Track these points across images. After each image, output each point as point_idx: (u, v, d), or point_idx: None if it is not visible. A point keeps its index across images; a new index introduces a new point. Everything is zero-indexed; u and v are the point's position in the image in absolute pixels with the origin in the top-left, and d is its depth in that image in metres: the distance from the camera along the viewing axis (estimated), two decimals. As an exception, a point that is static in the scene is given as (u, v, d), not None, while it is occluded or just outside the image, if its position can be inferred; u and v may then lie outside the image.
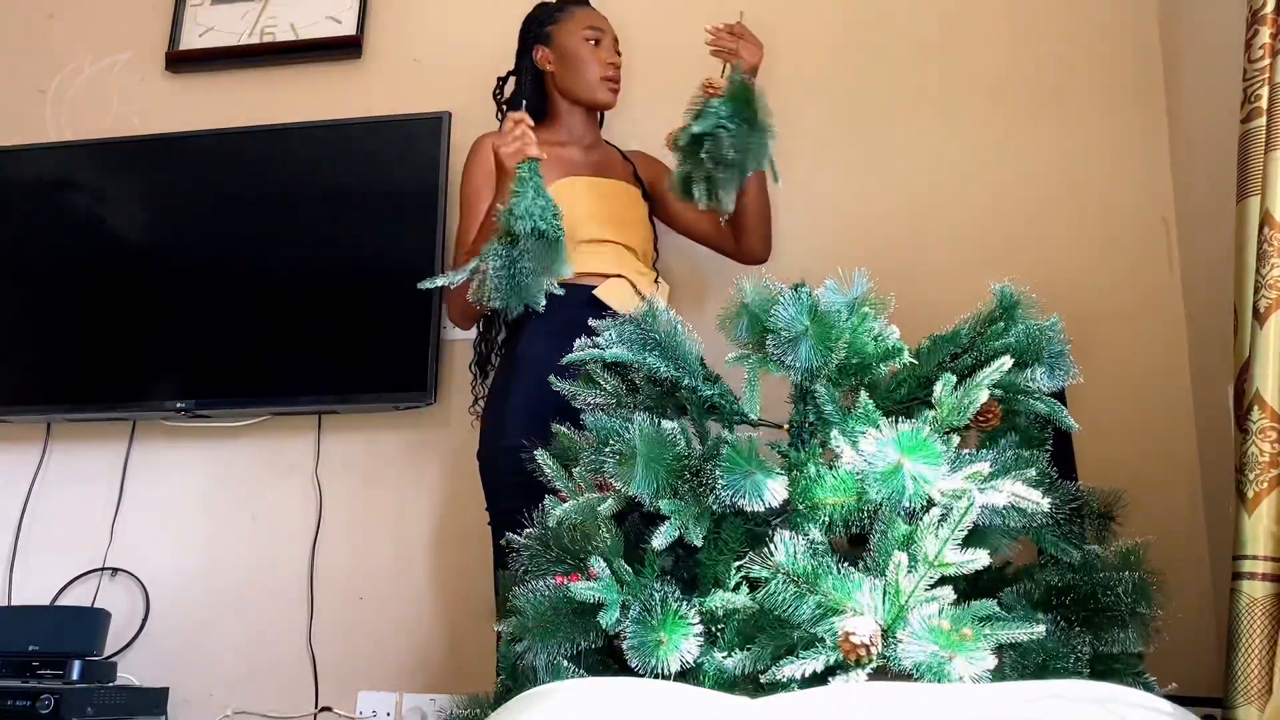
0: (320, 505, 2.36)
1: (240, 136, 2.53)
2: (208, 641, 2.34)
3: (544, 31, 2.05)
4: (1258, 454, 1.35)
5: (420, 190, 2.37)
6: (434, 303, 2.29)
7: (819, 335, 1.31)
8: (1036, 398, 1.42)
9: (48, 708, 1.96)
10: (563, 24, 2.03)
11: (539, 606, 1.27)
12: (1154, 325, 2.10)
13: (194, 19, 2.72)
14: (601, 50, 2.02)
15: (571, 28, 2.02)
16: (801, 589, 1.13)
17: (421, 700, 2.21)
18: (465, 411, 2.30)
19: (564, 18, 2.04)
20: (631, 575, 1.27)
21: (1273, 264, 1.37)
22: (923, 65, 2.33)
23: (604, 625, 1.22)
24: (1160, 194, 2.16)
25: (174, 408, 2.36)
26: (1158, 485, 1.97)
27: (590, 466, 1.37)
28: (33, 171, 2.61)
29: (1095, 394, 1.81)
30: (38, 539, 2.46)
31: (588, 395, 1.48)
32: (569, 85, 2.04)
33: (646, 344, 1.41)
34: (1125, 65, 2.23)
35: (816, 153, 2.31)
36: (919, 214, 2.25)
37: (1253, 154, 1.44)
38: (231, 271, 2.45)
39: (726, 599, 1.24)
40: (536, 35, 2.06)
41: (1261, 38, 1.46)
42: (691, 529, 1.25)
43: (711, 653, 1.21)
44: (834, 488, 1.24)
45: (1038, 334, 1.41)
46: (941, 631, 1.09)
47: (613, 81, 2.02)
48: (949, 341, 1.45)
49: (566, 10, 2.06)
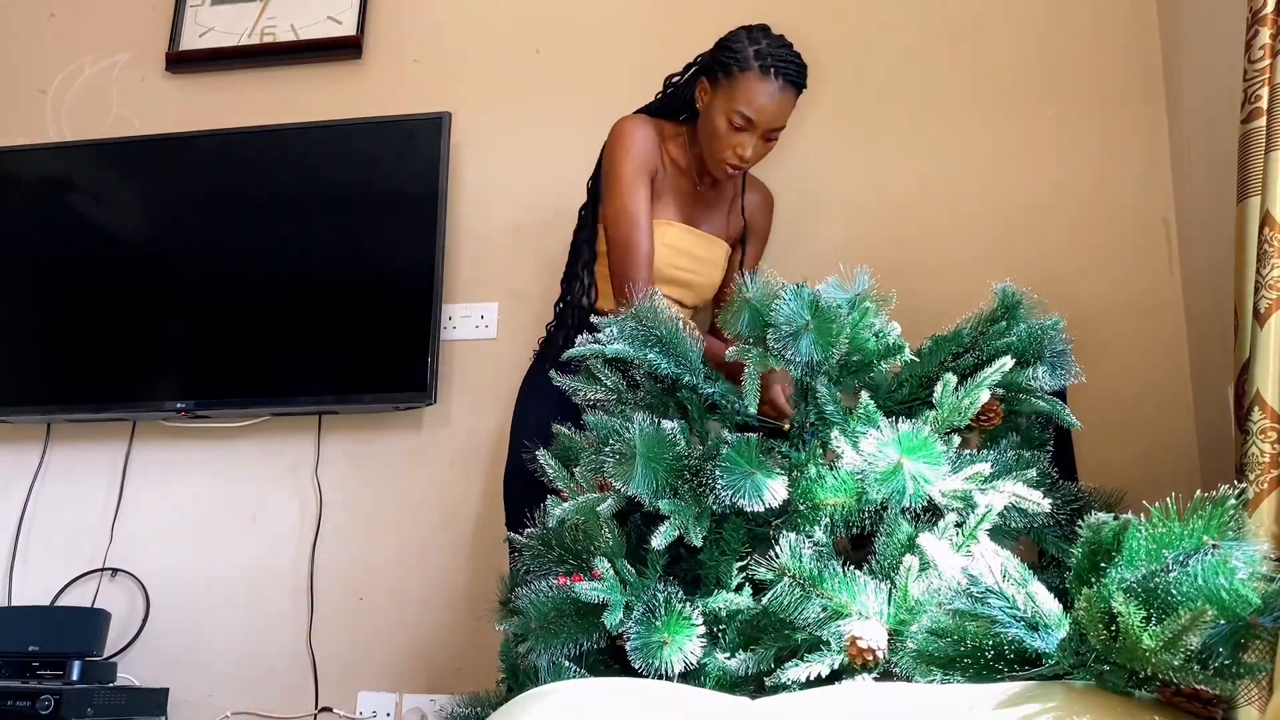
0: (320, 505, 2.36)
1: (240, 137, 2.53)
2: (208, 642, 2.34)
3: (716, 73, 1.86)
4: (1258, 454, 1.35)
5: (420, 190, 2.37)
6: (434, 303, 2.29)
7: (820, 330, 1.31)
8: (1038, 397, 1.42)
9: (48, 708, 1.96)
10: (733, 83, 1.83)
11: (542, 607, 1.27)
12: (1154, 325, 2.10)
13: (194, 19, 2.72)
14: (741, 136, 1.84)
15: (732, 96, 1.83)
16: (807, 591, 1.13)
17: (421, 700, 2.21)
18: (465, 411, 2.30)
19: (739, 79, 1.82)
20: (634, 576, 1.27)
21: (1273, 264, 1.37)
22: (923, 65, 2.33)
23: (608, 626, 1.22)
24: (1160, 194, 2.16)
25: (174, 408, 2.36)
26: (1158, 485, 1.96)
27: (590, 466, 1.37)
28: (33, 171, 2.61)
29: (1095, 394, 1.81)
30: (38, 539, 2.46)
31: (588, 391, 1.47)
32: (701, 137, 1.91)
33: (648, 341, 1.41)
34: (1125, 65, 2.23)
35: (818, 152, 2.31)
36: (919, 214, 2.25)
37: (1253, 154, 1.44)
38: (231, 272, 2.45)
39: (729, 600, 1.24)
40: (714, 66, 1.87)
41: (1262, 38, 1.46)
42: (691, 529, 1.25)
43: (714, 653, 1.21)
44: (834, 488, 1.24)
45: (1039, 333, 1.42)
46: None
47: (734, 169, 1.89)
48: (951, 341, 1.45)
49: (748, 73, 1.82)
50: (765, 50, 1.82)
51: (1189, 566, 0.91)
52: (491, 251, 2.43)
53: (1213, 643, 0.89)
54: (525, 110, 2.49)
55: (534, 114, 2.48)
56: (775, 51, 1.82)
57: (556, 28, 2.53)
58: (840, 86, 2.34)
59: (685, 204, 1.97)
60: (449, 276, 2.38)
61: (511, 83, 2.52)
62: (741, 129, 1.83)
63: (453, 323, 2.39)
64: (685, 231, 1.96)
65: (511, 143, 2.47)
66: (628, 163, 1.87)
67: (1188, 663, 0.89)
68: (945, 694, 1.00)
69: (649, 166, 1.89)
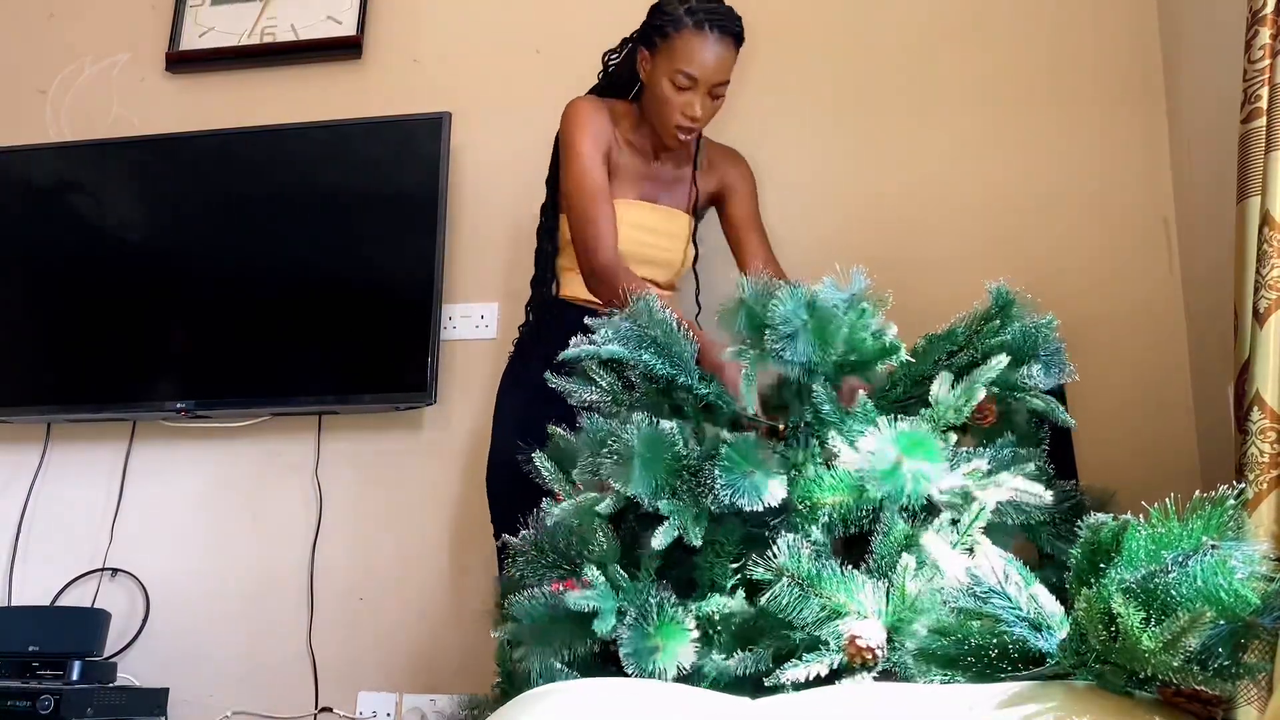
0: (320, 505, 2.36)
1: (240, 137, 2.53)
2: (208, 641, 2.33)
3: (652, 39, 1.86)
4: (1258, 454, 1.35)
5: (420, 190, 2.37)
6: (434, 303, 2.29)
7: (816, 329, 1.30)
8: (1033, 395, 1.42)
9: (48, 708, 1.96)
10: (670, 45, 1.83)
11: (535, 614, 1.27)
12: (1154, 325, 2.10)
13: (194, 19, 2.72)
14: (687, 95, 1.84)
15: (671, 58, 1.83)
16: (805, 591, 1.13)
17: (421, 700, 2.21)
18: (465, 411, 2.30)
19: (675, 39, 1.83)
20: (627, 581, 1.26)
21: (1273, 264, 1.37)
22: (923, 64, 2.33)
23: (598, 633, 1.21)
24: (1160, 194, 2.16)
25: (174, 408, 2.36)
26: (1158, 485, 1.95)
27: (588, 468, 1.37)
28: (33, 172, 2.61)
29: (1095, 395, 1.81)
30: (38, 539, 2.46)
31: (583, 393, 1.47)
32: (646, 105, 1.92)
33: (643, 341, 1.40)
34: (1125, 65, 2.23)
35: (818, 152, 2.31)
36: (919, 215, 2.25)
37: (1253, 154, 1.44)
38: (232, 272, 2.45)
39: (723, 604, 1.23)
40: (649, 33, 1.88)
41: (1261, 38, 1.46)
42: (690, 529, 1.25)
43: (711, 655, 1.21)
44: (833, 487, 1.23)
45: (1033, 332, 1.41)
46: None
47: (685, 132, 1.88)
48: (945, 340, 1.44)
49: (682, 32, 1.82)
50: (696, 6, 1.82)
51: (1188, 567, 0.91)
52: (491, 251, 2.43)
53: (1212, 643, 0.89)
54: (525, 110, 2.48)
55: (534, 114, 2.46)
56: (706, 5, 1.83)
57: (556, 28, 2.53)
58: (840, 86, 2.34)
59: (642, 181, 1.97)
60: (449, 276, 2.38)
61: (511, 83, 2.52)
62: (686, 89, 1.83)
63: (453, 323, 2.39)
64: (648, 209, 1.96)
65: (511, 143, 2.47)
66: (584, 140, 1.87)
67: (1187, 663, 0.89)
68: (946, 694, 1.00)
69: (603, 143, 1.90)
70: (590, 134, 1.88)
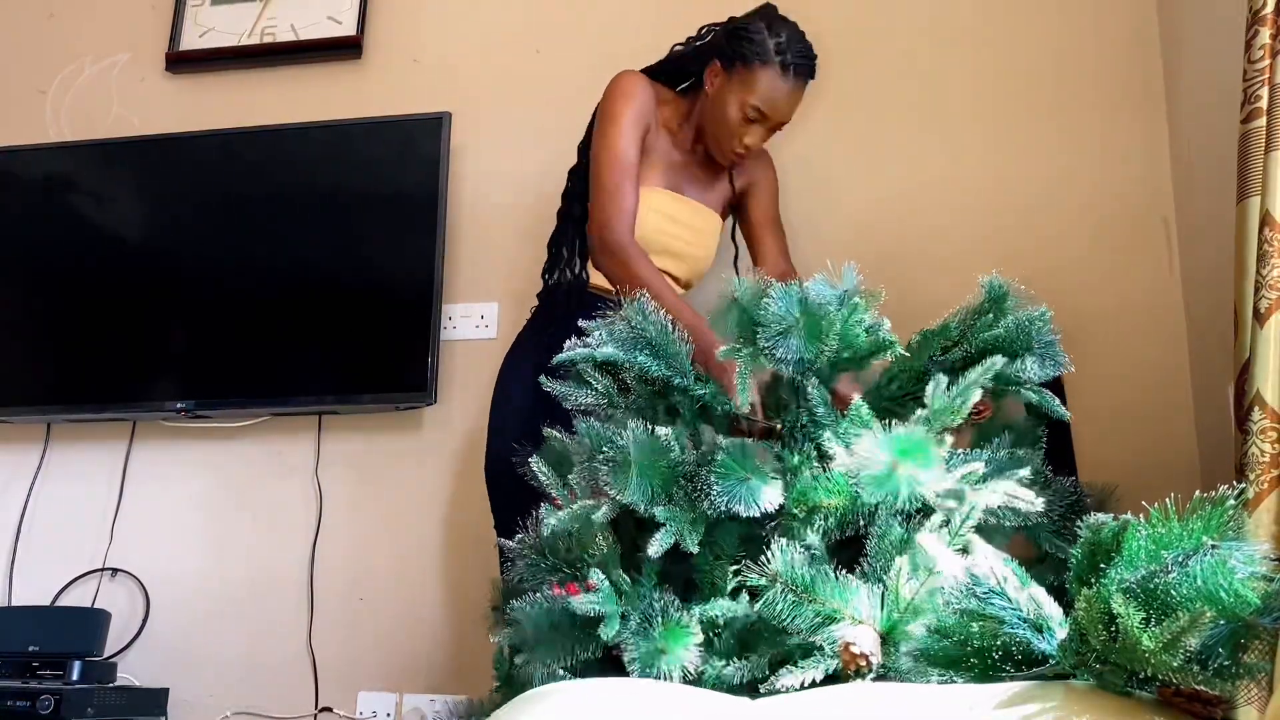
0: (320, 505, 2.36)
1: (240, 137, 2.53)
2: (208, 642, 2.34)
3: (732, 60, 1.83)
4: (1258, 454, 1.35)
5: (420, 190, 2.37)
6: (434, 303, 2.29)
7: (809, 327, 1.29)
8: (1028, 388, 1.41)
9: (48, 708, 1.96)
10: (750, 74, 1.81)
11: (537, 619, 1.26)
12: (1154, 325, 2.10)
13: (194, 19, 2.72)
14: (751, 128, 1.84)
15: (747, 88, 1.81)
16: (800, 598, 1.13)
17: (421, 700, 2.21)
18: (465, 412, 2.30)
19: (758, 72, 1.80)
20: (629, 585, 1.26)
21: (1273, 264, 1.37)
22: (923, 64, 2.33)
23: (605, 638, 1.21)
24: (1160, 194, 2.16)
25: (174, 408, 2.36)
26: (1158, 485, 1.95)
27: (584, 474, 1.36)
28: (33, 171, 2.61)
29: (1096, 395, 1.81)
30: (38, 539, 2.46)
31: (578, 395, 1.46)
32: (706, 119, 1.89)
33: (638, 343, 1.40)
34: (1125, 65, 2.23)
35: (818, 152, 2.31)
36: (920, 214, 2.25)
37: (1253, 154, 1.44)
38: (232, 272, 2.45)
39: (726, 607, 1.23)
40: (727, 53, 1.84)
41: (1261, 38, 1.45)
42: (687, 536, 1.24)
43: (710, 660, 1.20)
44: (828, 490, 1.23)
45: (1027, 325, 1.40)
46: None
47: (739, 158, 1.90)
48: (939, 335, 1.44)
49: (767, 68, 1.80)
50: (785, 46, 1.80)
51: (1188, 567, 0.91)
52: (491, 251, 2.43)
53: (1212, 643, 0.89)
54: (525, 110, 2.49)
55: (534, 114, 2.47)
56: (795, 48, 1.81)
57: (556, 28, 2.53)
58: (843, 87, 2.34)
59: (672, 171, 1.94)
60: (449, 276, 2.38)
61: (511, 83, 2.52)
62: (753, 120, 1.83)
63: (453, 323, 2.39)
64: (673, 197, 1.92)
65: (511, 143, 2.47)
66: (626, 112, 1.84)
67: (1187, 663, 0.89)
68: (945, 694, 1.00)
69: (644, 122, 1.86)
70: (634, 108, 1.84)
